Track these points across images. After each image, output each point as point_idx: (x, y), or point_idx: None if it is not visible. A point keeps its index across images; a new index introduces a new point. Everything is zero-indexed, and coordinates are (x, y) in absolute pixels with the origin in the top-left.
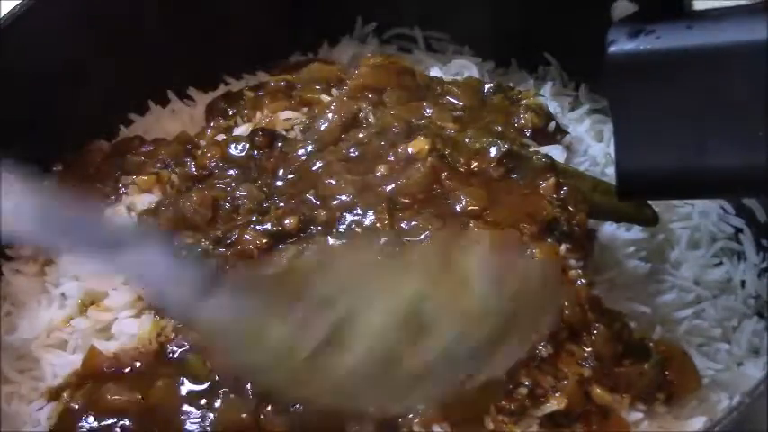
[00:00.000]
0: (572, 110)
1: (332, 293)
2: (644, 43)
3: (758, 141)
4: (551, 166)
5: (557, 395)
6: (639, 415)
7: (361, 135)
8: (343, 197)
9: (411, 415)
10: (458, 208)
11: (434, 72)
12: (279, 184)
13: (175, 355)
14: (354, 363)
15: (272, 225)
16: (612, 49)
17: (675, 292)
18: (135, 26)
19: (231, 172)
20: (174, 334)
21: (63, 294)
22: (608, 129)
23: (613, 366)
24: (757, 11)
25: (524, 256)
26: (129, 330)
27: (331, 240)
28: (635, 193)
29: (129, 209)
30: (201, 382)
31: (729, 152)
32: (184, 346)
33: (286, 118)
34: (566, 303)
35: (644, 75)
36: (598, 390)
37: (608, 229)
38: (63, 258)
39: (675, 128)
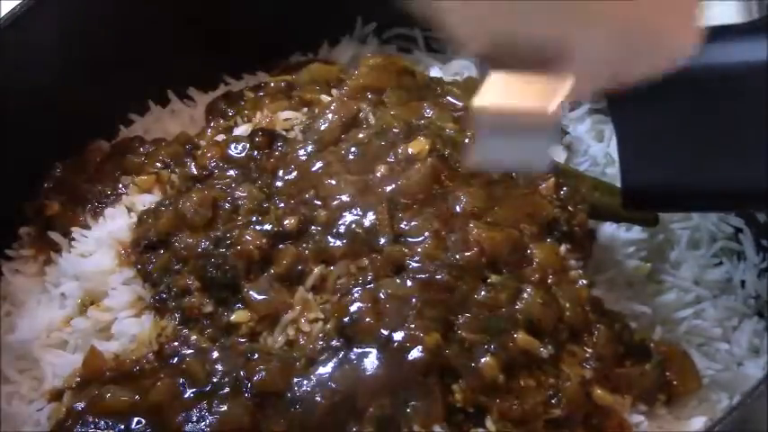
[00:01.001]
0: (572, 110)
1: None
2: None
3: (760, 157)
4: (551, 166)
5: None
6: (640, 416)
7: (361, 135)
8: (344, 197)
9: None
10: (458, 208)
11: (434, 72)
12: (279, 184)
13: (175, 356)
14: None
15: (272, 225)
16: None
17: (675, 292)
18: (135, 26)
19: (231, 172)
20: (174, 335)
21: (63, 294)
22: (608, 129)
23: (614, 367)
24: (756, 30)
25: None
26: (129, 331)
27: None
28: (640, 205)
29: (129, 209)
30: (201, 384)
31: (731, 169)
32: (185, 346)
33: (286, 118)
34: (566, 305)
35: (644, 91)
36: (599, 391)
37: (608, 229)
38: (63, 258)
39: (678, 144)
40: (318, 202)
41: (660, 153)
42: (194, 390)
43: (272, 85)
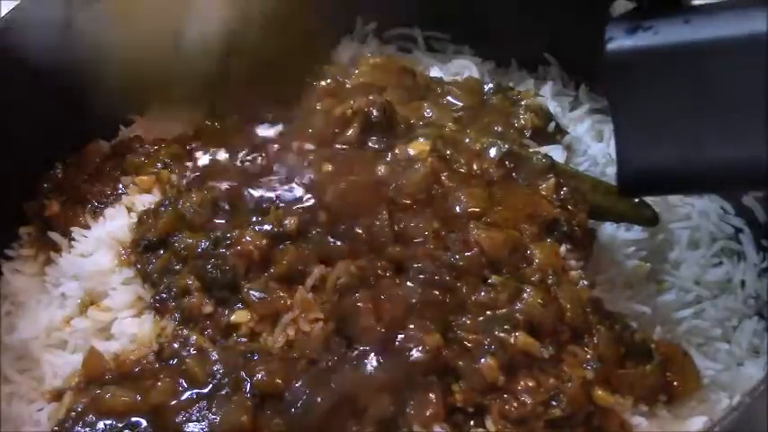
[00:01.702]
0: (572, 110)
1: None
2: (642, 40)
3: (758, 134)
4: (551, 166)
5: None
6: (641, 416)
7: None
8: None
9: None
10: (458, 209)
11: (434, 72)
12: None
13: (175, 357)
14: None
15: (271, 225)
16: (610, 46)
17: (675, 292)
18: None
19: None
20: (174, 335)
21: (63, 294)
22: (608, 129)
23: (615, 368)
24: (754, 4)
25: None
26: (129, 331)
27: None
28: (637, 189)
29: (129, 209)
30: (201, 384)
31: (730, 146)
32: (185, 347)
33: None
34: (567, 305)
35: (642, 71)
36: (600, 392)
37: (608, 229)
38: (63, 258)
39: (676, 123)
40: None
41: (657, 133)
42: (194, 390)
43: None
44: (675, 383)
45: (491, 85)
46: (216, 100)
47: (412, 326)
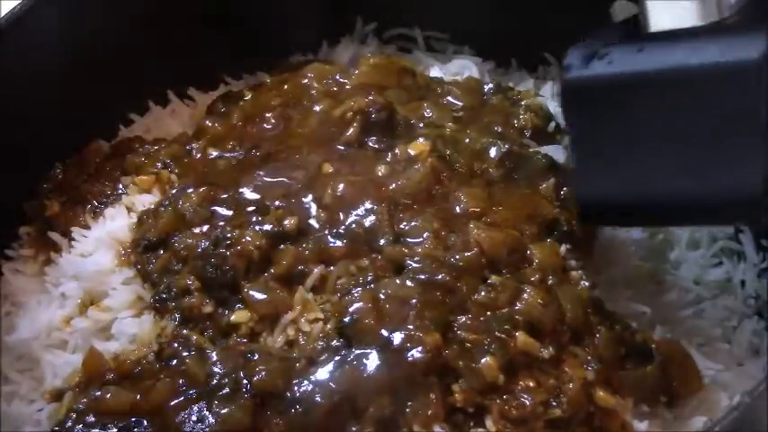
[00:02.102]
0: None
1: None
2: (597, 68)
3: (711, 166)
4: (551, 166)
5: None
6: (642, 417)
7: None
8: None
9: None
10: (458, 209)
11: (434, 72)
12: None
13: (175, 357)
14: None
15: (272, 225)
16: (568, 75)
17: (675, 292)
18: (135, 26)
19: None
20: (173, 335)
21: (63, 294)
22: None
23: (616, 369)
24: (705, 33)
25: None
26: (129, 331)
27: None
28: (596, 219)
29: (129, 209)
30: (201, 384)
31: (683, 179)
32: (185, 347)
33: None
34: (568, 306)
35: (598, 100)
36: (601, 393)
37: (608, 229)
38: (63, 258)
39: (631, 153)
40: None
41: (613, 163)
42: (194, 390)
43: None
44: (676, 384)
45: (491, 85)
46: None
47: (412, 326)
